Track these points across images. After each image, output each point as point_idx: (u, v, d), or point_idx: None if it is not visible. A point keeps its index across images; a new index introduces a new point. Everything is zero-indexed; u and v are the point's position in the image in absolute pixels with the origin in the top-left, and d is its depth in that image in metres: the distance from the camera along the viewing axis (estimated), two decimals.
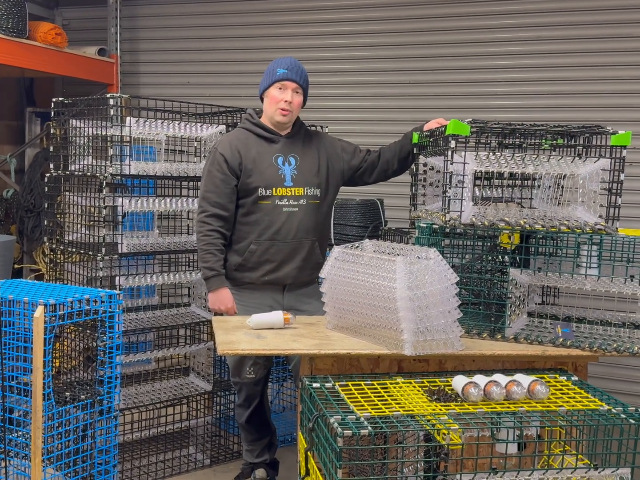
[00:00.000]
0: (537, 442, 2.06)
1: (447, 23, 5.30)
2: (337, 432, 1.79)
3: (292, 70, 3.28)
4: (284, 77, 3.27)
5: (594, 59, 4.93)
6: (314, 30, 5.68)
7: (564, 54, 5.01)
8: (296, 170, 3.34)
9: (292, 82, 3.28)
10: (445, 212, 2.63)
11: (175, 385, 3.99)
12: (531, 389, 2.10)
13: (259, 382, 3.48)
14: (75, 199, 3.81)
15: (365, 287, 2.49)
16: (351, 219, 4.64)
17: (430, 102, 5.32)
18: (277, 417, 4.23)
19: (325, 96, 5.60)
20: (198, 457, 4.00)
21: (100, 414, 2.88)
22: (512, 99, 5.17)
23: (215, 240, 3.28)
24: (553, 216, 2.70)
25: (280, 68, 3.29)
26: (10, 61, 5.05)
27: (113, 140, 3.55)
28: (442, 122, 3.08)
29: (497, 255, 2.89)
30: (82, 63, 5.64)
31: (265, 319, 2.80)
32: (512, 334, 2.65)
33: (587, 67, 4.96)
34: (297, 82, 3.29)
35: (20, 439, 2.70)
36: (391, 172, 3.51)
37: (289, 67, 3.28)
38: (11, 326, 2.70)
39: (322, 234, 3.47)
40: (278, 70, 3.29)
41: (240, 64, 5.83)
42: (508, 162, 2.65)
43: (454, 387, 2.16)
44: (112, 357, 2.87)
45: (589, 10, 4.94)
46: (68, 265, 3.87)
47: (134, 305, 3.93)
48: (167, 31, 6.10)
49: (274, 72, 3.30)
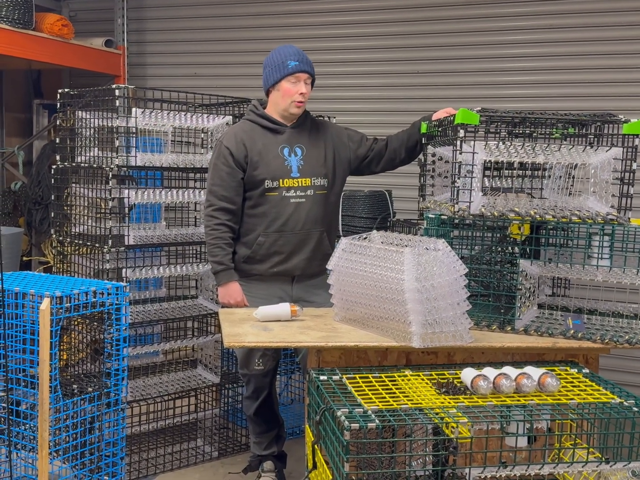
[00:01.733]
0: (548, 436, 2.04)
1: (455, 11, 5.24)
2: (345, 426, 1.78)
3: (302, 61, 3.25)
4: (297, 69, 3.23)
5: (605, 47, 4.86)
6: (321, 20, 5.64)
7: (574, 43, 4.95)
8: (302, 161, 3.31)
9: (304, 74, 3.25)
10: (454, 203, 2.60)
11: (183, 378, 3.99)
12: (541, 382, 2.08)
13: (267, 374, 3.46)
14: (82, 190, 3.80)
15: (373, 278, 2.47)
16: (359, 210, 4.61)
17: (438, 92, 5.28)
18: (285, 410, 4.22)
19: (333, 86, 5.56)
20: (206, 450, 4.00)
21: (107, 407, 2.88)
22: (522, 89, 5.11)
23: (224, 234, 3.27)
24: (564, 206, 2.67)
25: (290, 60, 3.23)
26: (17, 53, 5.04)
27: (120, 132, 3.53)
28: (450, 112, 3.04)
29: (507, 246, 2.85)
30: (89, 54, 5.63)
31: (272, 311, 2.78)
32: (522, 326, 2.63)
33: (598, 56, 4.89)
34: (309, 73, 3.27)
35: (27, 432, 2.70)
36: (398, 161, 3.48)
37: (300, 59, 3.25)
38: (18, 319, 2.69)
39: (331, 225, 3.45)
40: (290, 63, 3.23)
41: (247, 54, 5.79)
42: (518, 152, 2.62)
43: (462, 379, 2.14)
44: (120, 349, 2.86)
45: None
46: (75, 257, 3.87)
47: (141, 298, 3.93)
48: (174, 22, 6.08)
49: (285, 65, 3.24)
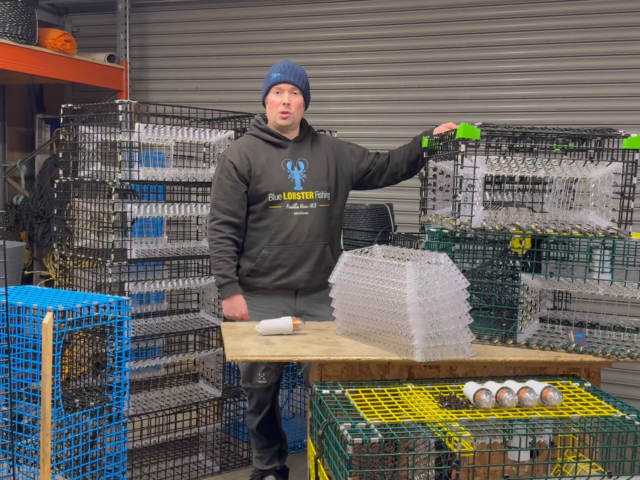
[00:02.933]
0: (550, 450, 2.04)
1: (455, 27, 5.28)
2: (347, 440, 1.78)
3: (285, 72, 3.29)
4: (278, 81, 3.29)
5: (606, 61, 4.90)
6: (322, 35, 5.68)
7: (574, 57, 4.98)
8: (305, 174, 3.33)
9: (287, 84, 3.29)
10: (456, 217, 2.61)
11: (185, 392, 3.98)
12: (544, 396, 2.08)
13: (270, 388, 3.46)
14: (85, 205, 3.81)
15: (375, 292, 2.47)
16: (360, 224, 4.62)
17: (439, 106, 5.31)
18: (287, 424, 4.21)
19: (334, 101, 5.60)
20: (207, 464, 3.99)
21: (109, 421, 2.87)
22: (523, 103, 5.14)
23: (228, 247, 3.28)
24: (565, 220, 2.67)
25: (274, 72, 3.32)
26: (20, 68, 5.08)
27: (122, 146, 3.55)
28: (451, 126, 3.06)
29: (508, 260, 2.86)
30: (91, 69, 5.66)
31: (275, 325, 2.78)
32: (523, 339, 2.63)
33: (598, 70, 4.92)
34: (292, 83, 3.30)
35: (29, 446, 2.69)
36: (400, 175, 3.50)
37: (282, 70, 3.30)
38: (20, 333, 2.69)
39: (333, 238, 3.46)
40: (272, 75, 3.32)
41: (249, 69, 5.83)
42: (519, 166, 2.63)
43: (465, 393, 2.14)
44: (121, 363, 2.85)
45: (599, 13, 4.92)
46: (77, 271, 3.87)
47: (143, 312, 3.93)
48: (176, 37, 6.12)
49: (270, 77, 3.33)
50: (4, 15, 4.93)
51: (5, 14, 4.94)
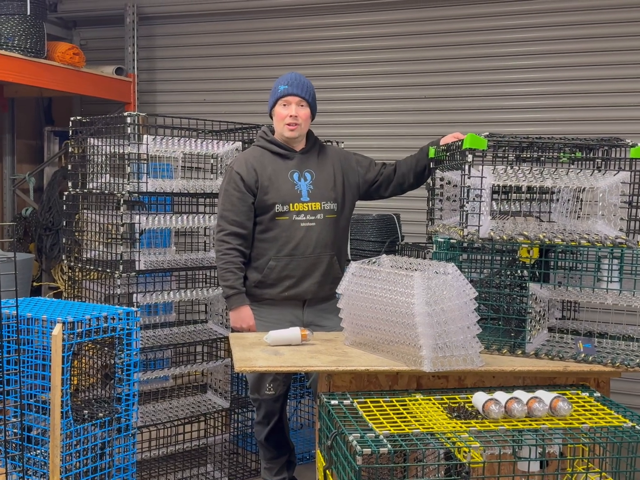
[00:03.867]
0: (560, 460, 2.03)
1: (463, 37, 5.30)
2: (356, 450, 1.77)
3: (292, 84, 3.31)
4: (285, 93, 3.30)
5: (613, 71, 4.90)
6: (328, 46, 5.70)
7: (581, 67, 4.98)
8: (312, 185, 3.34)
9: (294, 97, 3.30)
10: (463, 227, 2.62)
11: (193, 403, 3.98)
12: (553, 406, 2.07)
13: (278, 399, 3.46)
14: (93, 216, 3.83)
15: (382, 302, 2.47)
16: (368, 234, 4.62)
17: (446, 116, 5.31)
18: (295, 434, 4.20)
19: (341, 112, 5.61)
20: (216, 475, 3.98)
21: (118, 432, 2.87)
22: (530, 113, 5.14)
23: (235, 258, 3.29)
24: (573, 230, 2.67)
25: (281, 85, 3.34)
26: (29, 81, 5.12)
27: (130, 158, 3.57)
28: (458, 136, 3.07)
29: (516, 270, 2.86)
30: (99, 82, 5.70)
31: (283, 336, 2.79)
32: (532, 349, 2.62)
33: (605, 80, 4.92)
34: (299, 95, 3.31)
35: (38, 457, 2.69)
36: (407, 185, 3.51)
37: (290, 82, 3.32)
38: (30, 344, 2.70)
39: (341, 249, 3.47)
40: (279, 87, 3.33)
41: (256, 81, 5.85)
42: (526, 176, 2.63)
43: (474, 404, 2.14)
44: (130, 374, 2.86)
45: (605, 23, 4.92)
46: (86, 282, 3.89)
47: (152, 323, 3.93)
48: (183, 50, 6.16)
49: (276, 90, 3.35)
50: (13, 28, 4.98)
51: (14, 27, 4.98)
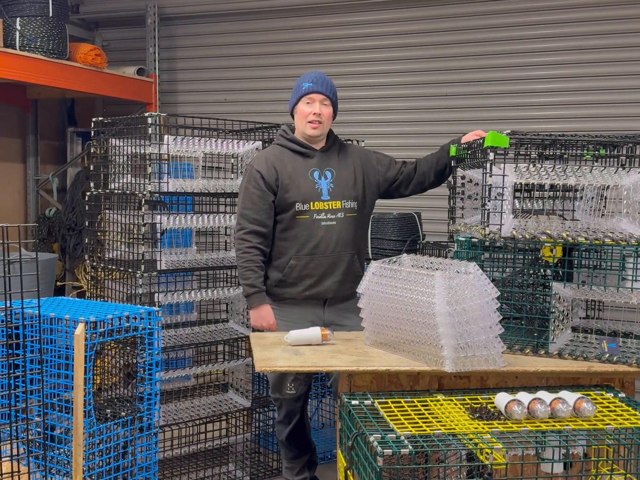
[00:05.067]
0: (584, 462, 2.00)
1: (483, 34, 5.26)
2: (377, 451, 1.76)
3: (317, 82, 3.30)
4: (309, 91, 3.30)
5: (636, 67, 4.83)
6: (349, 45, 5.69)
7: (604, 63, 4.93)
8: (332, 184, 3.33)
9: (318, 94, 3.30)
10: (485, 226, 2.59)
11: (214, 402, 3.99)
12: (577, 407, 2.05)
13: (299, 399, 3.46)
14: (115, 216, 3.85)
15: (403, 302, 2.46)
16: (388, 233, 4.60)
17: (467, 114, 5.28)
18: (316, 434, 4.20)
19: (361, 110, 5.60)
20: (238, 474, 3.99)
21: (140, 431, 2.89)
22: (552, 110, 5.09)
23: (255, 257, 3.29)
24: (596, 228, 2.64)
25: (305, 82, 3.33)
26: (52, 82, 5.17)
27: (151, 158, 3.59)
28: (480, 134, 3.04)
29: (539, 269, 2.83)
30: (121, 83, 5.74)
31: (303, 335, 2.78)
32: (556, 349, 2.59)
33: (628, 76, 4.86)
34: (323, 94, 3.30)
35: (61, 456, 2.72)
36: (427, 184, 3.48)
37: (314, 80, 3.31)
38: (53, 344, 2.73)
39: (361, 247, 3.46)
40: (303, 85, 3.32)
41: (276, 80, 5.86)
42: (549, 174, 2.60)
43: (496, 404, 2.12)
44: (152, 373, 2.87)
45: (629, 19, 4.86)
46: (109, 282, 3.92)
47: (173, 322, 3.96)
48: (204, 50, 6.18)
49: (300, 88, 3.33)
50: (35, 30, 5.03)
51: (36, 29, 5.04)
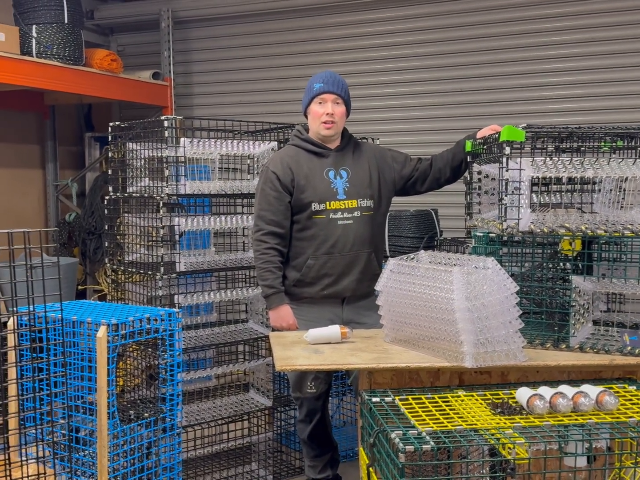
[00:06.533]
0: (608, 455, 1.99)
1: (496, 29, 5.24)
2: (399, 448, 1.77)
3: (328, 82, 3.30)
4: (321, 91, 3.30)
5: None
6: (363, 43, 5.69)
7: (619, 55, 4.89)
8: (348, 183, 3.34)
9: (330, 94, 3.30)
10: (503, 220, 2.58)
11: (236, 402, 4.01)
12: (599, 400, 2.03)
13: (320, 397, 3.47)
14: (134, 220, 3.89)
15: (422, 299, 2.46)
16: (405, 230, 4.60)
17: (482, 109, 5.26)
18: (338, 432, 4.21)
19: (376, 108, 5.60)
20: (260, 474, 4.01)
21: (163, 432, 2.91)
22: (568, 102, 5.06)
23: (273, 257, 3.30)
24: (616, 220, 2.62)
25: (316, 83, 3.33)
26: (69, 88, 5.22)
27: (169, 161, 3.61)
28: (495, 129, 3.03)
29: (558, 263, 2.81)
30: (137, 87, 5.78)
31: (323, 334, 2.79)
32: (577, 343, 2.58)
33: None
34: (335, 93, 3.31)
35: (86, 458, 2.74)
36: (444, 180, 3.48)
37: (325, 80, 3.31)
38: (75, 346, 2.76)
39: (378, 245, 3.46)
40: (315, 86, 3.33)
41: (290, 80, 5.88)
42: (566, 167, 2.58)
43: (518, 399, 2.11)
44: (174, 374, 2.90)
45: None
46: (129, 285, 3.95)
47: (193, 323, 3.98)
48: (218, 52, 6.21)
49: (312, 88, 3.34)
50: (51, 37, 5.08)
51: (52, 36, 5.09)
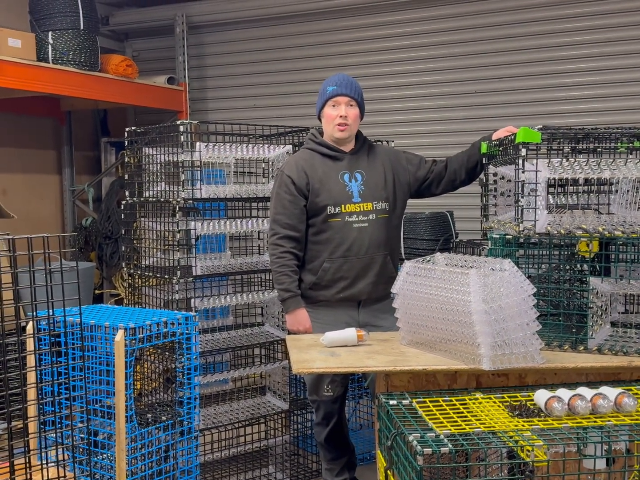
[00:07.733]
0: (627, 457, 1.98)
1: (511, 30, 5.22)
2: (417, 451, 1.76)
3: (341, 85, 3.31)
4: (334, 94, 3.31)
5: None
6: (376, 45, 5.69)
7: (636, 55, 4.85)
8: (363, 186, 3.34)
9: (343, 97, 3.30)
10: (519, 222, 2.57)
11: (253, 405, 4.02)
12: (618, 402, 2.02)
13: (336, 400, 3.47)
14: (150, 224, 3.91)
15: (439, 301, 2.45)
16: (421, 232, 4.59)
17: (497, 110, 5.24)
18: (355, 435, 4.20)
19: (391, 110, 5.60)
20: (278, 477, 4.01)
21: (181, 435, 2.92)
22: (584, 103, 5.03)
23: (289, 261, 3.31)
24: (633, 221, 2.60)
25: (329, 86, 3.34)
26: (85, 94, 5.27)
27: (184, 166, 3.63)
28: (511, 130, 3.02)
29: (576, 264, 2.80)
30: (152, 92, 5.82)
31: (339, 337, 2.79)
32: (595, 345, 2.56)
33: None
34: (348, 95, 3.31)
35: (105, 461, 2.76)
36: (459, 182, 3.46)
37: (338, 83, 3.32)
38: (94, 350, 2.78)
39: (394, 248, 3.45)
40: (328, 89, 3.33)
41: (305, 83, 5.89)
42: (582, 168, 2.57)
43: (536, 401, 2.10)
44: (191, 378, 2.91)
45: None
46: (146, 289, 3.97)
47: (210, 327, 3.99)
48: (232, 56, 6.24)
49: (325, 91, 3.35)
50: (67, 43, 5.13)
51: (68, 42, 5.13)
